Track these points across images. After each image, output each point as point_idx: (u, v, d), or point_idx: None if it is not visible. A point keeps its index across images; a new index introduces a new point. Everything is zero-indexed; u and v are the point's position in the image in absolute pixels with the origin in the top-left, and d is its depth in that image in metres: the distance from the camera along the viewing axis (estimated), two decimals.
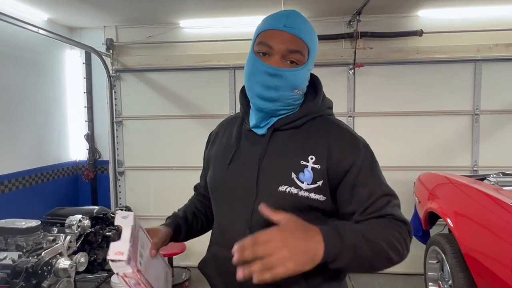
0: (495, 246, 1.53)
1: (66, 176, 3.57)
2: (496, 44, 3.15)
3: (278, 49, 0.83)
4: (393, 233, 0.77)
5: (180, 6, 3.03)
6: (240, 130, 0.96)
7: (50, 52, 3.37)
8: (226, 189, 0.92)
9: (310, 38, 0.86)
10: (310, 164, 0.84)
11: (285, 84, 0.84)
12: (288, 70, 0.83)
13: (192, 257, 3.50)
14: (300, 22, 0.85)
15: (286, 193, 0.83)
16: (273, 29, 0.84)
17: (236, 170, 0.91)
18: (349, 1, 2.90)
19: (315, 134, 0.88)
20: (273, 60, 0.84)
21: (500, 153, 3.17)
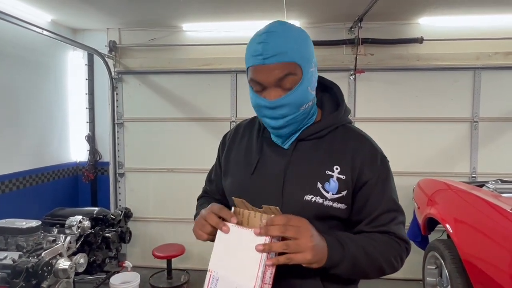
0: (494, 252, 1.55)
1: (66, 177, 3.58)
2: (495, 53, 3.18)
3: (268, 82, 0.82)
4: (391, 250, 0.84)
5: (183, 10, 3.06)
6: (262, 138, 0.95)
7: (53, 53, 3.39)
8: (249, 198, 0.87)
9: (296, 53, 0.81)
10: (336, 174, 0.86)
11: (288, 109, 0.84)
12: (285, 97, 0.82)
13: (190, 260, 3.51)
14: (278, 44, 0.80)
15: (311, 202, 0.85)
16: (255, 65, 0.82)
17: (261, 179, 0.90)
18: (350, 7, 2.93)
19: (338, 144, 0.90)
20: (268, 93, 0.83)
21: (498, 160, 3.19)
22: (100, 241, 2.81)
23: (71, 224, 2.55)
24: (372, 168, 0.87)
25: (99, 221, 2.90)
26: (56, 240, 2.38)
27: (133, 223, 3.46)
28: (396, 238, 0.86)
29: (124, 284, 2.76)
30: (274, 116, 0.84)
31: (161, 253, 3.10)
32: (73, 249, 2.51)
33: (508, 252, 1.46)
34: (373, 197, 0.86)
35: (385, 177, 0.89)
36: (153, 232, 3.59)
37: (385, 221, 0.86)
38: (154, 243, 3.41)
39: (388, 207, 0.87)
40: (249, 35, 0.87)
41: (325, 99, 0.97)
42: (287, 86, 0.82)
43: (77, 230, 2.55)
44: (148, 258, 3.40)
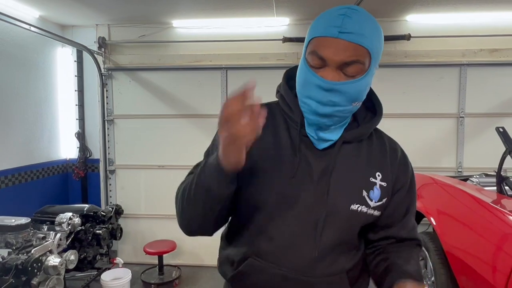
0: (475, 243, 1.60)
1: (56, 174, 3.56)
2: (481, 49, 3.24)
3: (333, 61, 0.72)
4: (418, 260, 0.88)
5: (173, 6, 3.05)
6: (296, 135, 0.82)
7: (42, 49, 3.36)
8: (288, 204, 0.79)
9: (372, 41, 0.72)
10: (378, 182, 0.82)
11: (342, 98, 0.74)
12: (345, 83, 0.72)
13: (182, 256, 3.53)
14: (360, 23, 0.71)
15: (358, 212, 0.80)
16: (326, 36, 0.71)
17: (302, 185, 0.79)
18: (339, 4, 2.95)
19: (376, 149, 0.86)
20: (327, 72, 0.73)
21: (483, 155, 3.26)
22: (90, 238, 2.82)
23: (61, 221, 2.55)
24: (406, 175, 0.87)
25: (89, 218, 2.90)
26: (46, 237, 2.38)
27: (124, 219, 3.46)
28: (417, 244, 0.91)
29: (115, 280, 2.77)
30: (324, 101, 0.74)
31: (152, 249, 3.12)
32: (63, 246, 2.51)
33: (488, 243, 1.51)
34: (404, 204, 0.87)
35: (413, 184, 0.89)
36: (144, 228, 3.60)
37: (411, 226, 0.88)
38: (145, 239, 3.42)
39: (413, 213, 0.88)
40: (239, 32, 0.84)
41: None
42: (349, 73, 0.73)
43: (67, 227, 2.55)
44: (140, 255, 3.41)
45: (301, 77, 0.78)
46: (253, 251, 0.82)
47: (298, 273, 0.79)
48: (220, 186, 0.72)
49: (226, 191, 0.73)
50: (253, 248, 0.82)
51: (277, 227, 0.80)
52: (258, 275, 0.82)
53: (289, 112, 0.84)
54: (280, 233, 0.80)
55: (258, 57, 3.33)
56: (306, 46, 0.77)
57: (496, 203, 1.60)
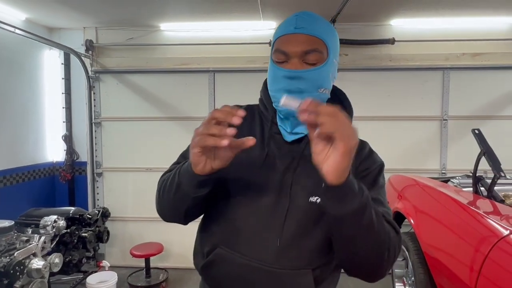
0: (451, 243, 1.64)
1: (42, 177, 3.54)
2: (463, 54, 3.31)
3: (294, 52, 0.81)
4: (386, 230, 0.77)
5: (161, 10, 3.07)
6: (267, 132, 0.89)
7: (28, 52, 3.35)
8: (253, 194, 0.84)
9: (326, 34, 0.83)
10: None
11: (308, 85, 0.81)
12: (307, 70, 0.81)
13: (169, 258, 3.52)
14: (311, 20, 0.82)
15: (316, 204, 0.82)
16: (285, 34, 0.82)
17: (267, 177, 0.85)
18: (325, 8, 3.00)
19: None
20: (291, 64, 0.81)
21: (466, 157, 3.31)
22: (76, 241, 2.81)
23: (46, 224, 2.54)
24: (367, 164, 0.88)
25: (75, 220, 2.89)
26: (29, 240, 2.37)
27: (112, 222, 3.45)
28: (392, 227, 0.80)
29: (101, 283, 2.76)
30: (292, 89, 0.80)
31: (139, 252, 3.11)
32: (48, 249, 2.50)
33: (463, 243, 1.55)
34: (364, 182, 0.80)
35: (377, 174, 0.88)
36: (131, 231, 3.59)
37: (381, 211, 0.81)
38: (133, 242, 3.42)
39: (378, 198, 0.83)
40: (227, 35, 0.88)
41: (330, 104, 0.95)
42: (310, 61, 0.81)
43: (52, 229, 2.54)
44: (127, 258, 3.40)
45: (270, 75, 0.87)
46: (222, 241, 0.86)
47: (264, 263, 0.82)
48: (189, 186, 0.76)
49: (194, 192, 0.77)
50: (222, 238, 0.86)
51: (243, 218, 0.84)
52: (226, 264, 0.84)
53: (264, 111, 0.92)
54: (245, 224, 0.84)
55: (245, 60, 3.36)
56: (272, 48, 0.87)
57: (471, 204, 1.64)
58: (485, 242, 1.33)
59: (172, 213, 0.86)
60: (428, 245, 1.76)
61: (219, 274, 0.87)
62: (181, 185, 0.77)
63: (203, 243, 0.91)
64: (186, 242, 3.44)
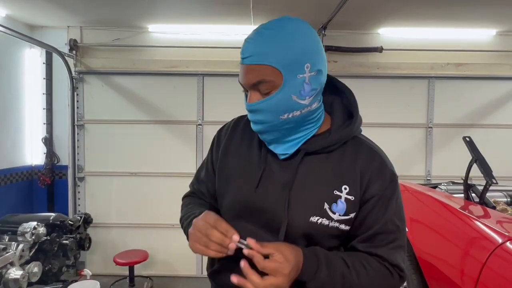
0: (445, 248, 1.65)
1: (20, 181, 3.37)
2: (447, 63, 3.41)
3: (246, 85, 0.78)
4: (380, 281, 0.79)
5: (149, 11, 3.01)
6: (264, 145, 0.87)
7: (8, 50, 3.20)
8: (252, 212, 0.84)
9: (277, 55, 0.73)
10: (344, 195, 0.80)
11: (265, 116, 0.78)
12: (260, 102, 0.76)
13: (154, 266, 3.42)
14: (259, 44, 0.74)
15: (317, 224, 0.80)
16: (240, 64, 0.78)
17: (265, 194, 0.83)
18: (315, 15, 3.03)
19: (348, 159, 0.83)
20: (249, 95, 0.79)
21: (450, 164, 3.41)
22: (56, 248, 2.67)
23: (24, 231, 2.40)
24: (378, 185, 0.81)
25: (56, 227, 2.75)
26: (6, 248, 2.25)
27: (93, 229, 3.32)
28: (389, 265, 0.80)
29: None
30: (253, 120, 0.80)
31: (123, 260, 3.00)
32: (26, 257, 2.37)
33: (458, 248, 1.56)
34: (373, 215, 0.81)
35: (390, 196, 0.82)
36: (114, 238, 3.46)
37: (380, 243, 0.80)
38: (116, 249, 3.29)
39: (387, 228, 0.81)
40: (216, 39, 0.87)
41: (336, 104, 0.89)
42: (264, 91, 0.76)
43: (31, 237, 2.41)
44: (109, 266, 3.28)
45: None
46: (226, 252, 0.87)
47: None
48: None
49: None
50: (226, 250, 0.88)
51: (242, 232, 0.83)
52: (230, 274, 0.84)
53: None
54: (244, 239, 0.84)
55: (235, 64, 3.33)
56: None
57: (468, 211, 1.66)
58: (484, 249, 1.34)
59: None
60: (422, 251, 1.77)
61: (225, 282, 0.87)
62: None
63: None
64: (171, 249, 3.36)
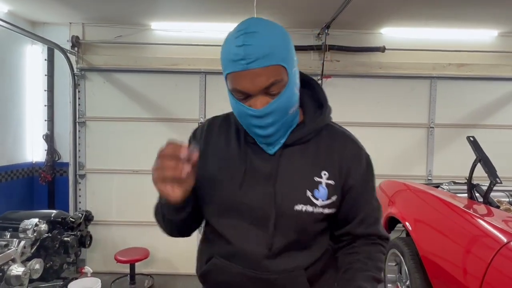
0: (450, 248, 1.65)
1: (21, 177, 3.35)
2: (449, 64, 3.42)
3: (253, 91, 0.75)
4: (380, 258, 0.89)
5: (152, 8, 3.00)
6: (245, 144, 0.88)
7: (9, 46, 3.18)
8: (239, 210, 0.85)
9: (280, 53, 0.74)
10: (324, 180, 0.84)
11: (277, 115, 0.78)
12: (273, 103, 0.76)
13: (155, 264, 3.41)
14: (261, 45, 0.72)
15: (302, 212, 0.82)
16: (238, 71, 0.73)
17: (250, 191, 0.84)
18: (318, 14, 3.03)
19: (324, 147, 0.87)
20: (254, 101, 0.77)
21: (451, 164, 3.42)
22: (57, 245, 2.66)
23: (26, 228, 2.40)
24: (358, 171, 0.86)
25: (57, 224, 2.75)
26: (8, 244, 2.24)
27: (94, 226, 3.30)
28: (380, 240, 0.90)
29: None
30: (263, 125, 0.78)
31: (123, 258, 2.99)
32: (28, 254, 2.36)
33: (463, 248, 1.57)
34: (361, 199, 0.87)
35: (370, 178, 0.90)
36: (115, 236, 3.45)
37: (370, 221, 0.88)
38: (116, 247, 3.28)
39: (373, 206, 0.89)
40: (219, 37, 0.85)
41: (306, 97, 0.91)
42: (274, 92, 0.76)
43: (33, 234, 2.40)
44: (110, 263, 3.27)
45: (235, 110, 0.83)
46: (216, 252, 0.89)
47: (257, 272, 0.84)
48: (171, 214, 0.85)
49: (177, 217, 0.85)
50: (216, 249, 0.90)
51: (232, 231, 0.86)
52: (222, 273, 0.88)
53: (238, 123, 0.88)
54: (235, 236, 0.86)
55: None
56: (226, 81, 0.80)
57: (469, 208, 1.67)
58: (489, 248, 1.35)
59: (172, 233, 0.94)
60: (426, 250, 1.78)
61: (216, 282, 0.91)
62: (165, 215, 0.87)
63: (202, 252, 0.95)
64: (172, 247, 3.35)
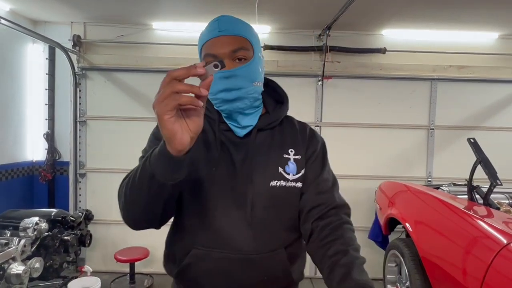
0: (450, 249, 1.66)
1: (20, 176, 3.35)
2: (450, 66, 3.43)
3: (223, 53, 0.86)
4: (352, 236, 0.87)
5: (154, 8, 3.00)
6: (217, 130, 0.94)
7: (11, 45, 3.18)
8: (214, 192, 0.89)
9: (248, 33, 0.90)
10: (292, 156, 0.94)
11: (243, 81, 0.87)
12: (239, 68, 0.87)
13: (155, 264, 3.41)
14: (231, 22, 0.89)
15: (277, 187, 0.90)
16: (211, 38, 0.87)
17: (225, 174, 0.89)
18: (319, 16, 3.03)
19: (288, 131, 0.98)
20: (226, 64, 0.83)
21: (451, 166, 3.42)
22: (57, 244, 2.67)
23: (26, 226, 2.40)
24: (314, 145, 0.98)
25: (57, 223, 2.75)
26: (8, 243, 2.23)
27: (94, 225, 3.31)
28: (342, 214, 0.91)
29: None
30: (229, 87, 0.86)
31: (123, 257, 2.99)
32: (28, 252, 2.36)
33: (463, 249, 1.57)
34: (315, 167, 0.96)
35: (324, 154, 1.00)
36: (115, 235, 3.45)
37: (324, 187, 0.94)
38: (116, 246, 3.28)
39: (327, 176, 0.97)
40: None
41: (266, 95, 1.01)
42: (241, 57, 0.87)
43: (33, 232, 2.40)
44: (110, 263, 3.27)
45: None
46: (196, 242, 0.89)
47: (241, 252, 0.87)
48: (165, 171, 0.69)
49: (172, 178, 0.70)
50: (195, 239, 0.89)
51: (213, 215, 0.88)
52: (203, 262, 0.89)
53: (208, 113, 0.95)
54: (216, 221, 0.88)
55: None
56: (200, 55, 0.91)
57: (469, 210, 1.67)
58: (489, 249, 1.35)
59: (146, 216, 0.80)
60: (426, 251, 1.78)
61: (196, 275, 0.90)
62: (156, 175, 0.69)
63: (175, 249, 0.94)
64: None
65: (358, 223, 3.21)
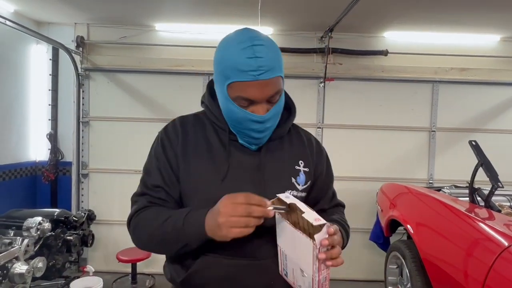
0: (451, 251, 1.67)
1: (24, 176, 3.37)
2: (451, 68, 3.44)
3: (261, 99, 0.83)
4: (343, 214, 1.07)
5: (157, 9, 3.02)
6: (226, 141, 0.92)
7: (14, 45, 3.21)
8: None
9: (280, 66, 0.85)
10: (302, 168, 0.97)
11: (274, 120, 0.89)
12: (273, 110, 0.86)
13: (156, 264, 3.42)
14: (269, 57, 0.80)
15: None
16: (247, 81, 0.80)
17: (236, 184, 0.87)
18: (322, 18, 3.05)
19: (296, 142, 1.00)
20: (257, 108, 0.84)
21: (453, 168, 3.43)
22: (60, 244, 2.68)
23: (30, 226, 2.41)
24: (321, 159, 1.02)
25: (60, 223, 2.76)
26: (12, 242, 2.24)
27: (96, 226, 3.32)
28: (341, 207, 1.09)
29: None
30: (262, 130, 0.86)
31: (125, 257, 3.00)
32: (31, 252, 2.37)
33: (464, 251, 1.58)
34: (327, 183, 1.04)
35: (329, 166, 1.06)
36: (117, 235, 3.46)
37: (334, 197, 1.07)
38: (118, 246, 3.29)
39: (332, 185, 1.07)
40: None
41: None
42: (275, 100, 0.85)
43: (36, 232, 2.42)
44: (112, 263, 3.28)
45: (233, 115, 0.87)
46: (204, 249, 0.88)
47: (249, 258, 0.89)
48: (198, 243, 0.84)
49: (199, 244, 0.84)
50: (204, 246, 0.87)
51: None
52: (212, 269, 0.89)
53: (216, 121, 0.94)
54: None
55: None
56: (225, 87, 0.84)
57: (470, 212, 1.68)
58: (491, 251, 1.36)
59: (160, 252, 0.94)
60: (427, 253, 1.79)
61: (203, 281, 0.90)
62: (190, 244, 0.84)
63: (181, 256, 0.92)
64: None
65: (359, 224, 3.22)
